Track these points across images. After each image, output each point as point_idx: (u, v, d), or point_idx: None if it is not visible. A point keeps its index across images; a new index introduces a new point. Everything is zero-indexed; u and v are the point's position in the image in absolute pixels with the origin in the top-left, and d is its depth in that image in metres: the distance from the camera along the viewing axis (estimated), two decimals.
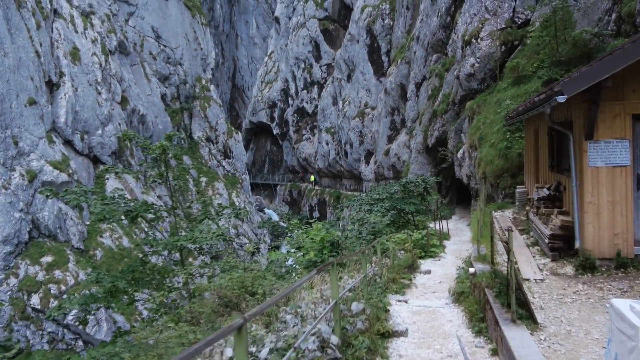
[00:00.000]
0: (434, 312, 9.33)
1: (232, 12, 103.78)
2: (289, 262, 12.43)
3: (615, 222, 8.83)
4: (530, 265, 9.07)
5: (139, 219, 13.83)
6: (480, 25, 25.48)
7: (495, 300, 7.15)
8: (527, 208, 13.52)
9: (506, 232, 7.30)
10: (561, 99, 7.96)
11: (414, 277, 14.13)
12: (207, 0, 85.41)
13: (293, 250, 13.40)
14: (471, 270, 9.23)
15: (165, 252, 13.40)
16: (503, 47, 24.68)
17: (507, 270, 6.45)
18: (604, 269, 8.85)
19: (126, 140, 42.58)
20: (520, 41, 24.39)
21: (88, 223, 35.32)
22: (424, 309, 9.51)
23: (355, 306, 6.64)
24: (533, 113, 10.95)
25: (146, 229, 38.89)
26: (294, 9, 74.34)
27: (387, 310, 8.37)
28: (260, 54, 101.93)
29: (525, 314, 6.36)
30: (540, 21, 22.51)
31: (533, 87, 19.73)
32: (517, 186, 16.77)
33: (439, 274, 15.02)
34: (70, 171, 34.25)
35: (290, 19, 75.63)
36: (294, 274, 11.16)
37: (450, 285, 11.00)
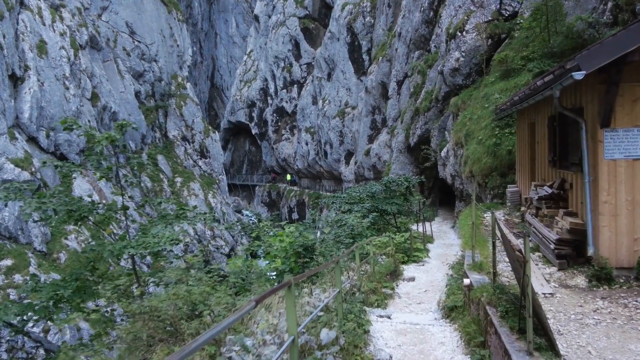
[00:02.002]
0: (421, 330, 7.91)
1: (211, 10, 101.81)
2: (262, 266, 10.98)
3: (635, 225, 7.50)
4: (535, 275, 7.68)
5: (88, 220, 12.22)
6: (466, 18, 24.23)
7: (501, 322, 5.73)
8: (523, 209, 12.18)
9: (507, 237, 5.90)
10: (578, 75, 6.59)
11: (397, 286, 12.74)
12: None
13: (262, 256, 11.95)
14: (465, 281, 7.82)
15: (128, 256, 11.83)
16: (490, 40, 23.45)
17: (521, 287, 5.04)
18: (622, 281, 7.50)
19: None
20: (508, 34, 23.20)
21: (53, 224, 33.32)
22: (410, 327, 8.07)
23: (326, 335, 5.19)
24: (534, 100, 9.60)
25: (115, 231, 37.08)
26: (274, 7, 72.83)
27: (367, 331, 6.91)
28: (239, 53, 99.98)
29: (544, 344, 4.95)
30: (529, 12, 21.32)
31: (523, 81, 18.48)
32: (508, 185, 15.48)
33: (423, 281, 13.65)
34: (34, 169, 32.31)
35: (270, 17, 74.11)
36: (266, 285, 9.68)
37: (439, 297, 9.60)
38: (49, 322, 11.47)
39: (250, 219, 63.80)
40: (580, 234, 8.07)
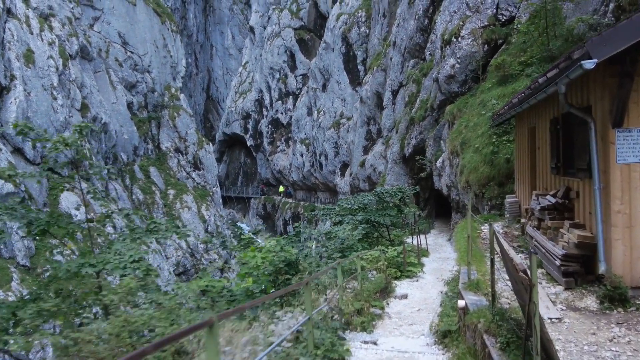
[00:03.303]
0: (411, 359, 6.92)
1: (206, 22, 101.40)
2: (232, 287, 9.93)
3: None
4: (539, 296, 6.70)
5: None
6: (461, 23, 23.44)
7: (501, 356, 4.77)
8: (523, 220, 11.24)
9: (508, 254, 4.96)
10: (589, 64, 5.69)
11: (388, 304, 11.77)
12: (180, 8, 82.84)
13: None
14: (460, 303, 6.86)
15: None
16: (486, 46, 22.64)
17: (526, 315, 4.09)
18: (638, 302, 6.55)
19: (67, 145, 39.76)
20: (505, 40, 22.40)
21: (37, 238, 32.26)
22: (398, 355, 7.09)
23: None
24: (535, 100, 8.69)
25: (102, 244, 36.00)
26: (269, 18, 72.29)
27: None
28: (235, 65, 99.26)
29: None
30: (527, 16, 20.54)
31: (521, 86, 17.60)
32: (507, 196, 14.55)
33: (417, 298, 12.67)
34: (18, 181, 31.29)
35: (265, 28, 73.58)
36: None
37: (432, 319, 8.63)
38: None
39: (244, 232, 62.65)
40: (589, 248, 7.13)
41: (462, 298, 7.05)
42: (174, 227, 10.71)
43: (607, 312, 6.47)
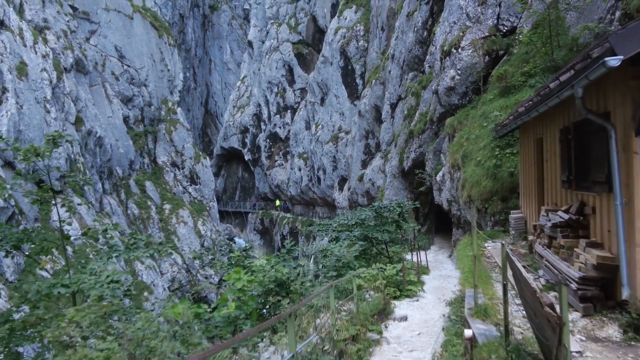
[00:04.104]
0: None
1: (205, 36, 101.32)
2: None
3: None
4: None
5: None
6: (461, 34, 22.86)
7: None
8: (531, 238, 10.50)
9: (527, 281, 4.23)
10: (614, 61, 5.01)
11: (386, 327, 10.99)
12: (178, 22, 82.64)
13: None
14: (467, 332, 6.10)
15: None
16: (487, 57, 22.04)
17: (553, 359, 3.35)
18: None
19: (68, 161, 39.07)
20: (506, 50, 21.81)
21: (27, 253, 31.44)
22: None
23: None
24: (546, 107, 7.99)
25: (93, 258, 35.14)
26: (267, 33, 72.07)
27: None
28: (234, 79, 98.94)
29: None
30: (529, 26, 19.95)
31: (524, 97, 16.96)
32: (512, 211, 13.82)
33: (417, 320, 11.88)
34: (7, 195, 30.49)
35: (263, 42, 73.34)
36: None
37: (435, 348, 7.85)
38: None
39: (234, 248, 61.87)
40: (609, 270, 6.40)
41: (469, 326, 6.30)
42: (156, 244, 9.95)
43: (633, 343, 5.72)
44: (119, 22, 55.93)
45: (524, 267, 7.80)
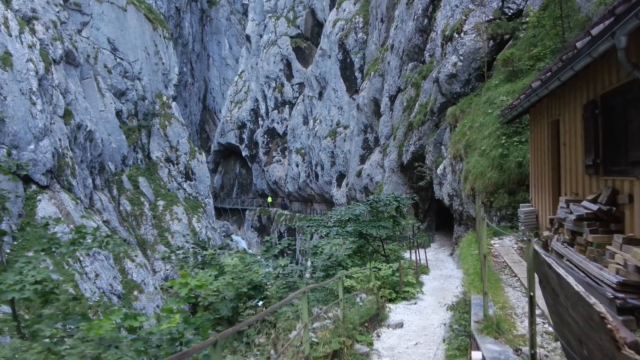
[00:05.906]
0: None
1: (203, 31, 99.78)
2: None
3: None
4: None
5: None
6: (464, 18, 21.40)
7: None
8: (546, 234, 9.06)
9: (552, 279, 2.84)
10: None
11: (379, 336, 9.61)
12: (174, 16, 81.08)
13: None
14: (475, 355, 4.68)
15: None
16: (491, 41, 20.58)
17: None
18: None
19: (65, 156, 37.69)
20: (512, 35, 20.36)
21: (8, 251, 30.01)
22: None
23: None
24: (572, 71, 6.54)
25: (81, 258, 33.79)
26: (265, 27, 70.61)
27: None
28: (232, 75, 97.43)
29: None
30: (536, 8, 18.49)
31: None
32: (521, 205, 12.39)
33: (414, 327, 10.49)
34: None
35: (261, 37, 71.89)
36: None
37: None
38: None
39: (242, 246, 60.60)
40: None
41: (477, 346, 4.89)
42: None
43: None
44: (112, 13, 54.47)
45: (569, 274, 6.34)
